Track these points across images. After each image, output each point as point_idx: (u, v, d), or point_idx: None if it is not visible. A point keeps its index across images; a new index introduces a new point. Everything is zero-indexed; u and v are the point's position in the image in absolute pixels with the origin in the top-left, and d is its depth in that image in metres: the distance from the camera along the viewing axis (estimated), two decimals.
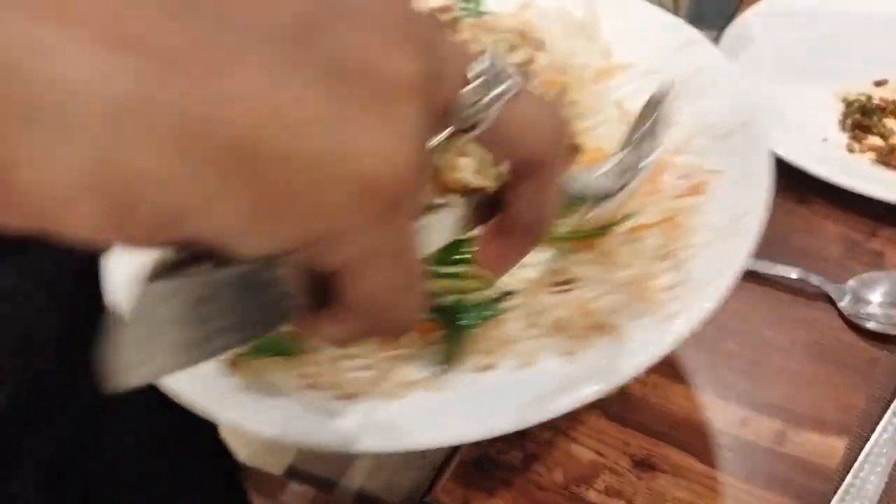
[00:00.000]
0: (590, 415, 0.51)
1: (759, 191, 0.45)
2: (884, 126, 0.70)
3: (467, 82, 0.24)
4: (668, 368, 0.54)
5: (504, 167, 0.27)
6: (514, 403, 0.40)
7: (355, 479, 0.89)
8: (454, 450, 0.50)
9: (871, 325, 0.55)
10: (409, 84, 0.20)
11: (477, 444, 0.50)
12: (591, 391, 0.39)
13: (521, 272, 0.49)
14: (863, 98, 0.73)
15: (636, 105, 0.57)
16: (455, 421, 0.40)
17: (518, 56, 0.61)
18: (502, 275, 0.32)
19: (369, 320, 0.24)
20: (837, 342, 0.55)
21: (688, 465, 0.49)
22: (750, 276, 0.59)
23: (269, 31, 0.18)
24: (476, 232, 0.30)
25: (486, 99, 0.24)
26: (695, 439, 0.50)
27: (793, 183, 0.65)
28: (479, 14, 0.69)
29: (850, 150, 0.69)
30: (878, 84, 0.75)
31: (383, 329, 0.26)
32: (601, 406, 0.51)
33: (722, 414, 0.51)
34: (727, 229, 0.44)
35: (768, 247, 0.60)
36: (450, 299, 0.47)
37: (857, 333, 0.56)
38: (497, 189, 0.28)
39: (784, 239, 0.63)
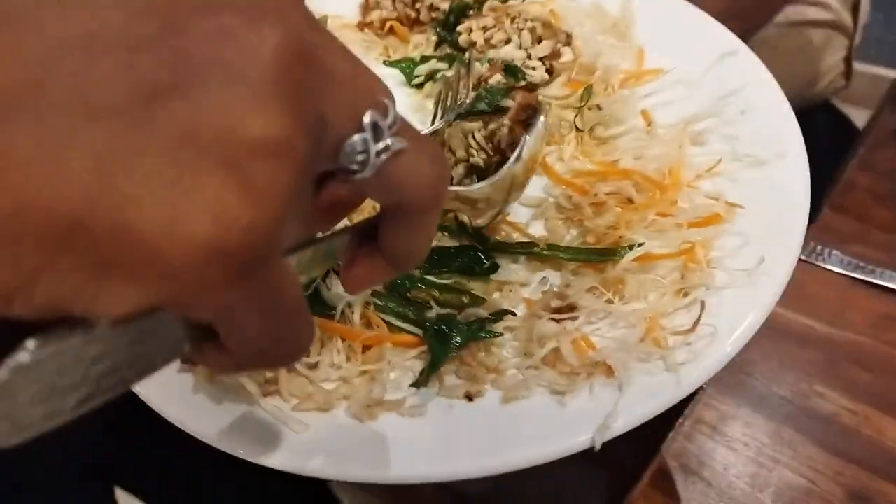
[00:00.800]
0: (796, 438, 0.50)
1: (791, 233, 0.40)
2: None
3: (357, 128, 0.24)
4: (879, 401, 0.52)
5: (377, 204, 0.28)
6: (488, 444, 0.36)
7: None
8: (650, 454, 0.49)
9: None
10: (269, 144, 0.20)
11: (678, 452, 0.49)
12: (575, 443, 0.35)
13: (519, 291, 0.45)
14: None
15: (665, 116, 0.53)
16: (421, 456, 0.36)
17: (542, 48, 0.56)
18: (355, 293, 0.34)
19: (250, 358, 0.25)
20: None
21: None
22: None
23: (104, 110, 0.18)
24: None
25: (373, 150, 0.24)
26: None
27: None
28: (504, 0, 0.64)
29: None
30: None
31: (267, 364, 0.28)
32: (808, 431, 0.50)
33: None
34: (752, 271, 0.39)
35: None
36: (439, 313, 0.42)
37: None
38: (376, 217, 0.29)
39: None
